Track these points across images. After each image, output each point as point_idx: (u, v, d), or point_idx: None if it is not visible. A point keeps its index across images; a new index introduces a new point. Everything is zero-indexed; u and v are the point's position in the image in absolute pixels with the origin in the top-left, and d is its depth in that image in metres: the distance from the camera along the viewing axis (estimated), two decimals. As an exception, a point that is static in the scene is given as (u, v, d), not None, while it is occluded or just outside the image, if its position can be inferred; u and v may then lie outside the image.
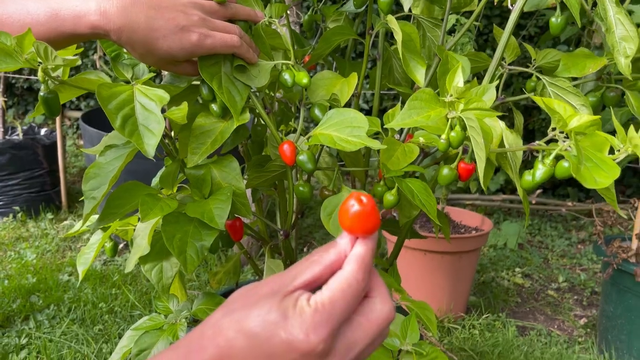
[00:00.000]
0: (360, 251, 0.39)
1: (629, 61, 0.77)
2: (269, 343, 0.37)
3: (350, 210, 0.39)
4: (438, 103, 0.74)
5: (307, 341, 0.36)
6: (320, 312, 0.37)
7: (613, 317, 1.59)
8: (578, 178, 0.57)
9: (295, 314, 0.37)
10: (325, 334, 0.37)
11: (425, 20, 0.99)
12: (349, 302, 0.38)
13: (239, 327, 0.38)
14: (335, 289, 0.38)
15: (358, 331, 0.39)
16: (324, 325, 0.37)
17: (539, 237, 2.60)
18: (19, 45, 0.58)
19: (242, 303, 0.39)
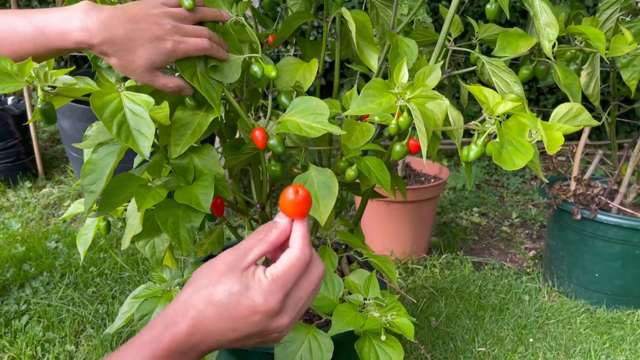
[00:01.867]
0: (302, 231, 0.52)
1: (551, 45, 0.89)
2: (235, 309, 0.49)
3: (289, 199, 0.52)
4: (388, 91, 0.85)
5: (265, 304, 0.49)
6: (275, 281, 0.50)
7: (555, 250, 1.79)
8: (499, 162, 0.69)
9: (255, 284, 0.49)
10: (280, 297, 0.50)
11: (378, 2, 1.08)
12: (298, 272, 0.51)
13: (208, 301, 0.49)
14: (288, 262, 0.51)
15: (302, 290, 0.52)
16: (278, 291, 0.50)
17: (495, 177, 2.78)
18: (20, 69, 0.66)
19: (206, 281, 0.50)
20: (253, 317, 0.49)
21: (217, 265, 0.51)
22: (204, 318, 0.49)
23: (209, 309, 0.49)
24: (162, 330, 0.49)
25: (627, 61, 1.32)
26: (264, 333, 0.51)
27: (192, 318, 0.49)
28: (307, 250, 0.52)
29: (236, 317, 0.49)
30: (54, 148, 2.81)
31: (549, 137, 0.67)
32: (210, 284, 0.50)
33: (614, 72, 1.60)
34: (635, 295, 1.71)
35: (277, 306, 0.50)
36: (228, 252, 0.52)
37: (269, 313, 0.49)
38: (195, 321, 0.49)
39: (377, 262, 1.04)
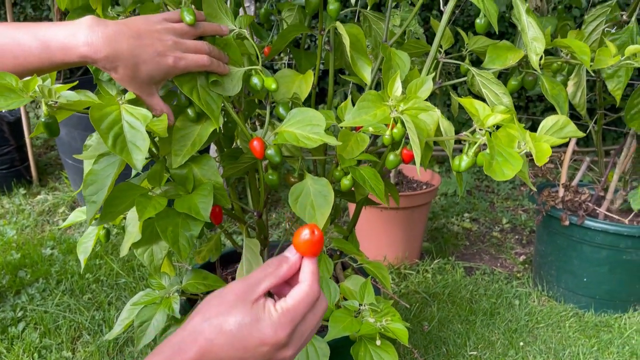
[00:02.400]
0: (312, 268, 0.55)
1: (538, 58, 0.92)
2: (245, 340, 0.51)
3: (305, 238, 0.54)
4: (382, 103, 0.87)
5: (274, 336, 0.51)
6: (285, 314, 0.52)
7: (545, 255, 1.82)
8: (489, 173, 0.72)
9: (266, 317, 0.51)
10: (289, 330, 0.52)
11: (371, 15, 1.11)
12: (307, 307, 0.53)
13: (219, 330, 0.51)
14: (298, 297, 0.53)
15: (308, 324, 0.54)
16: (288, 325, 0.52)
17: (486, 183, 2.82)
18: (25, 86, 0.68)
19: (216, 311, 0.52)
20: (261, 348, 0.51)
21: (227, 295, 0.53)
22: (213, 346, 0.51)
23: (219, 338, 0.51)
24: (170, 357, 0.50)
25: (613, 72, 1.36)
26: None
27: (201, 346, 0.50)
28: (316, 287, 0.54)
29: (246, 347, 0.51)
30: (48, 155, 2.82)
31: (537, 149, 0.70)
32: (220, 314, 0.51)
33: (600, 81, 1.64)
34: (622, 299, 1.74)
35: (285, 339, 0.52)
36: (237, 283, 0.53)
37: (277, 345, 0.51)
38: (204, 349, 0.50)
39: (372, 268, 1.07)
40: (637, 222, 1.67)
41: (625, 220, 1.66)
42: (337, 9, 0.96)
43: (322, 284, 0.90)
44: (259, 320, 0.51)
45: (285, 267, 0.54)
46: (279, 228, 2.24)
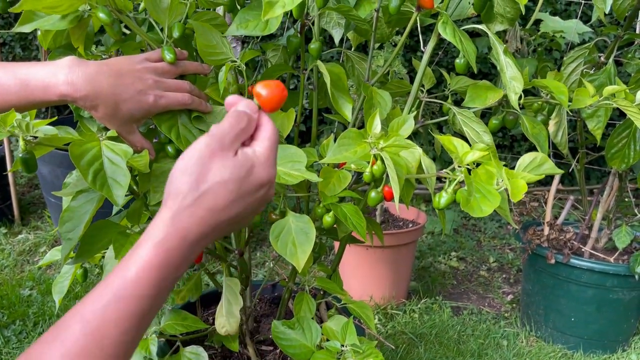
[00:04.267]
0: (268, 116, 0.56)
1: (517, 97, 0.94)
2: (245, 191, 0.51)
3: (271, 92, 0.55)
4: (363, 140, 0.88)
5: (269, 176, 0.53)
6: (270, 154, 0.53)
7: (532, 294, 1.81)
8: (467, 209, 0.72)
9: (257, 164, 0.52)
10: (274, 168, 0.54)
11: (353, 55, 1.13)
12: (277, 144, 0.55)
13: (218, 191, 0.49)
14: (270, 138, 0.54)
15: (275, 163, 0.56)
16: (274, 162, 0.54)
17: (472, 221, 2.82)
18: (2, 120, 0.68)
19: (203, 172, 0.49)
20: (259, 192, 0.52)
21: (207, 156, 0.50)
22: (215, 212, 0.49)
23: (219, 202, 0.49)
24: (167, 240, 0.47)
25: (592, 112, 1.39)
26: (262, 204, 0.55)
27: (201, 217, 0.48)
28: (275, 127, 0.56)
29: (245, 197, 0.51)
30: (32, 193, 2.79)
31: (513, 185, 0.70)
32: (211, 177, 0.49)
33: (580, 121, 1.67)
34: (611, 339, 1.72)
35: (274, 176, 0.54)
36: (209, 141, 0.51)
37: (271, 183, 0.54)
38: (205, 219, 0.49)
39: (355, 308, 1.05)
40: (623, 260, 1.67)
41: (611, 259, 1.66)
42: (318, 49, 0.98)
43: (303, 325, 0.88)
44: (253, 167, 0.52)
45: (253, 124, 0.55)
46: (264, 267, 2.21)
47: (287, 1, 0.74)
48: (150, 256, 0.46)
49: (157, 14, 0.80)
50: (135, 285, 0.45)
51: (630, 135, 1.30)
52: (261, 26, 0.84)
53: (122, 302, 0.44)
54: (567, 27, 1.86)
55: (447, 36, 0.90)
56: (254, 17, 0.85)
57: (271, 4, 0.73)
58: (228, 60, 0.86)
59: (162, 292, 0.47)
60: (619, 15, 1.39)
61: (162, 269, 0.46)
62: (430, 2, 0.94)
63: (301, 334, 0.91)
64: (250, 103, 0.55)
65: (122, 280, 0.45)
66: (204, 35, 0.84)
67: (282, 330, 0.91)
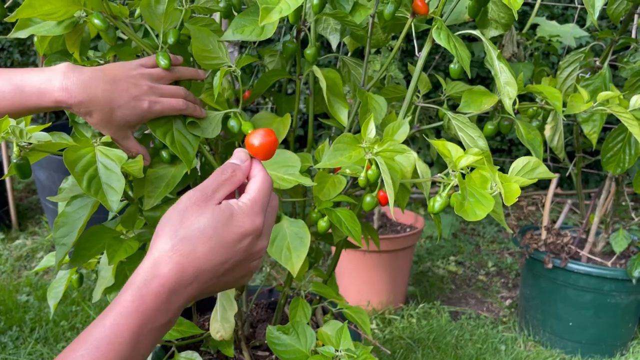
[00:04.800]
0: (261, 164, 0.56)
1: (511, 102, 0.94)
2: (225, 239, 0.50)
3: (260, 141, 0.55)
4: (358, 145, 0.88)
5: (253, 225, 0.51)
6: (255, 203, 0.52)
7: (530, 298, 1.81)
8: (461, 213, 0.72)
9: (238, 211, 0.51)
10: (262, 217, 0.52)
11: (349, 61, 1.13)
12: (267, 196, 0.54)
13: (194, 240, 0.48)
14: (258, 188, 0.53)
15: (270, 215, 0.56)
16: (260, 212, 0.53)
17: (471, 225, 2.82)
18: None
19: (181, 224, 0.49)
20: (243, 242, 0.51)
21: (187, 208, 0.50)
22: (193, 260, 0.48)
23: (197, 248, 0.48)
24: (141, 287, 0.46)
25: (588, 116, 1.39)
26: (249, 258, 0.53)
27: (178, 264, 0.47)
28: (269, 178, 0.55)
29: (227, 247, 0.50)
30: (29, 199, 2.79)
31: (506, 189, 0.70)
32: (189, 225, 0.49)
33: (576, 125, 1.68)
34: (609, 344, 1.72)
35: (261, 225, 0.52)
36: (191, 194, 0.51)
37: (256, 234, 0.52)
38: (182, 266, 0.47)
39: (351, 313, 1.05)
40: (620, 264, 1.67)
41: (608, 263, 1.66)
42: (314, 54, 0.98)
43: (298, 330, 0.88)
44: (234, 215, 0.50)
45: (239, 174, 0.54)
46: (262, 272, 2.21)
47: (284, 7, 0.74)
48: (127, 302, 0.46)
49: (153, 20, 0.80)
50: (111, 332, 0.45)
51: (625, 140, 1.30)
52: (257, 31, 0.84)
53: (99, 351, 0.44)
54: (564, 31, 1.86)
55: (442, 42, 0.90)
56: (250, 22, 0.86)
57: (268, 9, 0.73)
58: (224, 65, 0.86)
59: (141, 340, 0.46)
60: (614, 19, 1.39)
61: (139, 315, 0.45)
62: (424, 8, 0.94)
63: (296, 339, 0.91)
64: (239, 153, 0.56)
65: (101, 328, 0.45)
66: (200, 39, 0.84)
67: (277, 335, 0.91)
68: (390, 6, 0.93)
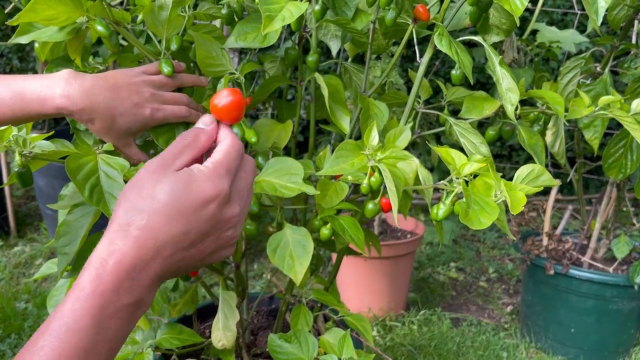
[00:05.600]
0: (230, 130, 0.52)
1: (514, 108, 0.94)
2: (184, 206, 0.45)
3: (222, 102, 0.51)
4: (360, 152, 0.88)
5: (215, 188, 0.46)
6: (218, 167, 0.47)
7: (531, 305, 1.80)
8: (466, 222, 0.72)
9: (198, 175, 0.46)
10: (228, 180, 0.47)
11: (351, 67, 1.13)
12: (236, 159, 0.49)
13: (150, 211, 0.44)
14: (225, 151, 0.49)
15: (242, 181, 0.50)
16: (224, 175, 0.47)
17: (472, 231, 2.82)
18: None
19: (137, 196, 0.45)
20: (206, 209, 0.46)
21: (144, 178, 0.46)
22: (150, 232, 0.44)
23: (153, 220, 0.44)
24: (99, 267, 0.43)
25: (589, 122, 1.39)
26: (218, 227, 0.48)
27: (135, 238, 0.44)
28: (238, 142, 0.51)
29: (187, 216, 0.45)
30: (28, 205, 2.78)
31: (512, 197, 0.70)
32: (144, 197, 0.45)
33: (578, 131, 1.67)
34: (611, 350, 1.71)
35: (227, 190, 0.47)
36: (150, 162, 0.47)
37: (222, 199, 0.47)
38: (140, 241, 0.44)
39: (352, 320, 1.04)
40: (622, 270, 1.67)
41: (610, 269, 1.66)
42: (316, 61, 0.98)
43: (300, 338, 0.87)
44: (192, 180, 0.46)
45: (204, 137, 0.50)
46: (262, 279, 2.20)
47: (287, 15, 0.74)
48: (85, 284, 0.43)
49: (155, 27, 0.80)
50: (70, 318, 0.41)
51: (627, 145, 1.30)
52: (260, 38, 0.84)
53: (58, 340, 0.41)
54: (564, 37, 1.87)
55: (443, 48, 0.90)
56: (252, 29, 0.85)
57: (271, 17, 0.73)
58: (227, 72, 0.86)
59: (105, 323, 0.42)
60: (615, 25, 1.40)
61: (97, 297, 0.42)
62: (425, 14, 0.94)
63: (298, 348, 0.90)
64: (204, 117, 0.52)
65: (59, 315, 0.42)
66: (204, 46, 0.84)
67: (279, 343, 0.90)
68: (391, 12, 0.93)
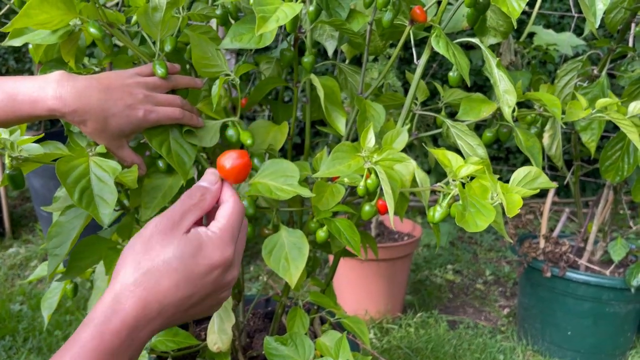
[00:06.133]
0: (232, 189, 0.54)
1: (511, 110, 0.93)
2: (191, 272, 0.47)
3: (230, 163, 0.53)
4: (356, 154, 0.87)
5: (222, 256, 0.49)
6: (225, 233, 0.50)
7: (528, 307, 1.80)
8: (462, 224, 0.71)
9: (207, 241, 0.48)
10: (232, 248, 0.50)
11: (347, 68, 1.12)
12: (238, 223, 0.52)
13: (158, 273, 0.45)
14: (229, 215, 0.51)
15: (241, 241, 0.53)
16: (230, 242, 0.50)
17: (468, 234, 2.81)
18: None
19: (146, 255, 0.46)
20: (211, 274, 0.48)
21: (152, 236, 0.47)
22: (156, 294, 0.45)
23: (161, 281, 0.45)
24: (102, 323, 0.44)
25: (586, 124, 1.38)
26: (218, 290, 0.50)
27: (141, 298, 0.45)
28: (240, 203, 0.53)
29: (194, 281, 0.47)
30: (24, 206, 2.76)
31: (508, 200, 0.70)
32: (154, 257, 0.46)
33: (575, 134, 1.67)
34: (608, 353, 1.71)
35: (232, 256, 0.50)
36: (158, 221, 0.48)
37: (226, 266, 0.49)
38: (145, 301, 0.45)
39: (349, 322, 1.04)
40: (618, 273, 1.67)
41: (607, 272, 1.66)
42: (311, 62, 0.97)
43: (296, 341, 0.87)
44: (202, 246, 0.48)
45: (209, 198, 0.52)
46: (258, 281, 2.19)
47: (281, 16, 0.73)
48: (87, 339, 0.43)
49: (150, 28, 0.79)
50: None
51: (624, 148, 1.30)
52: (256, 39, 0.83)
53: None
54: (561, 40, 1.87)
55: (441, 50, 0.89)
56: (248, 30, 0.85)
57: (265, 18, 0.73)
58: (222, 73, 0.85)
59: None
60: (612, 28, 1.39)
61: (97, 355, 0.43)
62: (423, 16, 0.94)
63: (294, 350, 0.90)
64: (210, 176, 0.54)
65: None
66: (200, 47, 0.83)
67: (275, 346, 0.90)
68: (388, 14, 0.93)
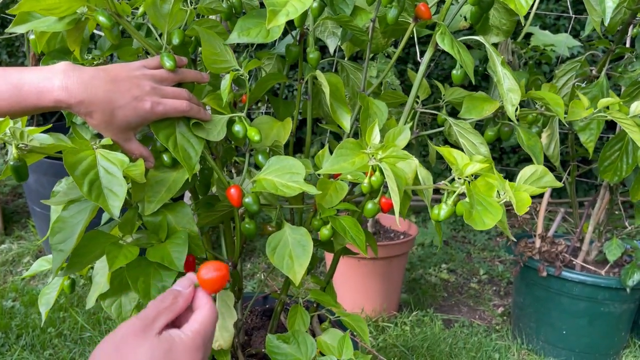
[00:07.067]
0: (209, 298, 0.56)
1: (514, 108, 0.93)
2: None
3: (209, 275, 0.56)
4: (361, 151, 0.87)
5: None
6: (197, 337, 0.52)
7: (523, 306, 1.80)
8: (470, 222, 0.71)
9: (178, 344, 0.50)
10: (202, 352, 0.52)
11: (348, 65, 1.12)
12: (212, 328, 0.54)
13: None
14: (203, 320, 0.53)
15: (210, 344, 0.54)
16: (202, 346, 0.52)
17: (462, 233, 2.83)
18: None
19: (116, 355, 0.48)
20: None
21: (124, 338, 0.49)
22: None
23: None
24: None
25: (585, 124, 1.39)
26: None
27: None
28: (215, 309, 0.55)
29: None
30: (15, 202, 2.73)
31: (517, 198, 0.70)
32: (124, 357, 0.48)
33: (572, 134, 1.68)
34: (602, 352, 1.72)
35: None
36: (130, 322, 0.51)
37: None
38: None
39: (350, 321, 1.03)
40: (614, 273, 1.68)
41: (602, 272, 1.67)
42: (317, 58, 0.97)
43: (298, 339, 0.86)
44: (172, 349, 0.49)
45: (181, 301, 0.54)
46: (254, 279, 2.18)
47: (291, 10, 0.73)
48: None
49: (157, 20, 0.79)
50: None
51: (623, 148, 1.31)
52: (263, 34, 0.83)
53: None
54: (558, 41, 1.88)
55: (445, 47, 0.89)
56: (255, 24, 0.84)
57: (275, 12, 0.72)
58: (231, 68, 0.85)
59: None
60: (611, 29, 1.40)
61: None
62: (427, 13, 0.93)
63: (296, 349, 0.89)
64: (184, 280, 0.56)
65: None
66: (209, 42, 0.82)
67: (277, 344, 0.89)
68: (393, 10, 0.92)
